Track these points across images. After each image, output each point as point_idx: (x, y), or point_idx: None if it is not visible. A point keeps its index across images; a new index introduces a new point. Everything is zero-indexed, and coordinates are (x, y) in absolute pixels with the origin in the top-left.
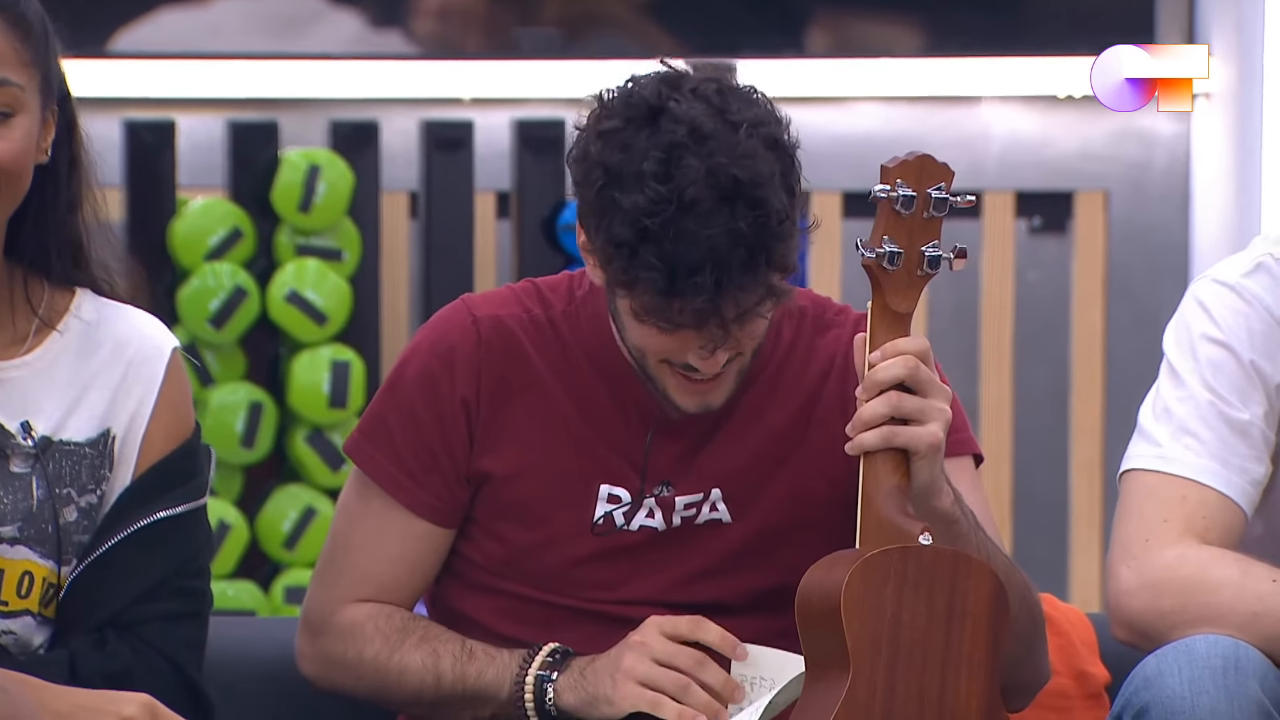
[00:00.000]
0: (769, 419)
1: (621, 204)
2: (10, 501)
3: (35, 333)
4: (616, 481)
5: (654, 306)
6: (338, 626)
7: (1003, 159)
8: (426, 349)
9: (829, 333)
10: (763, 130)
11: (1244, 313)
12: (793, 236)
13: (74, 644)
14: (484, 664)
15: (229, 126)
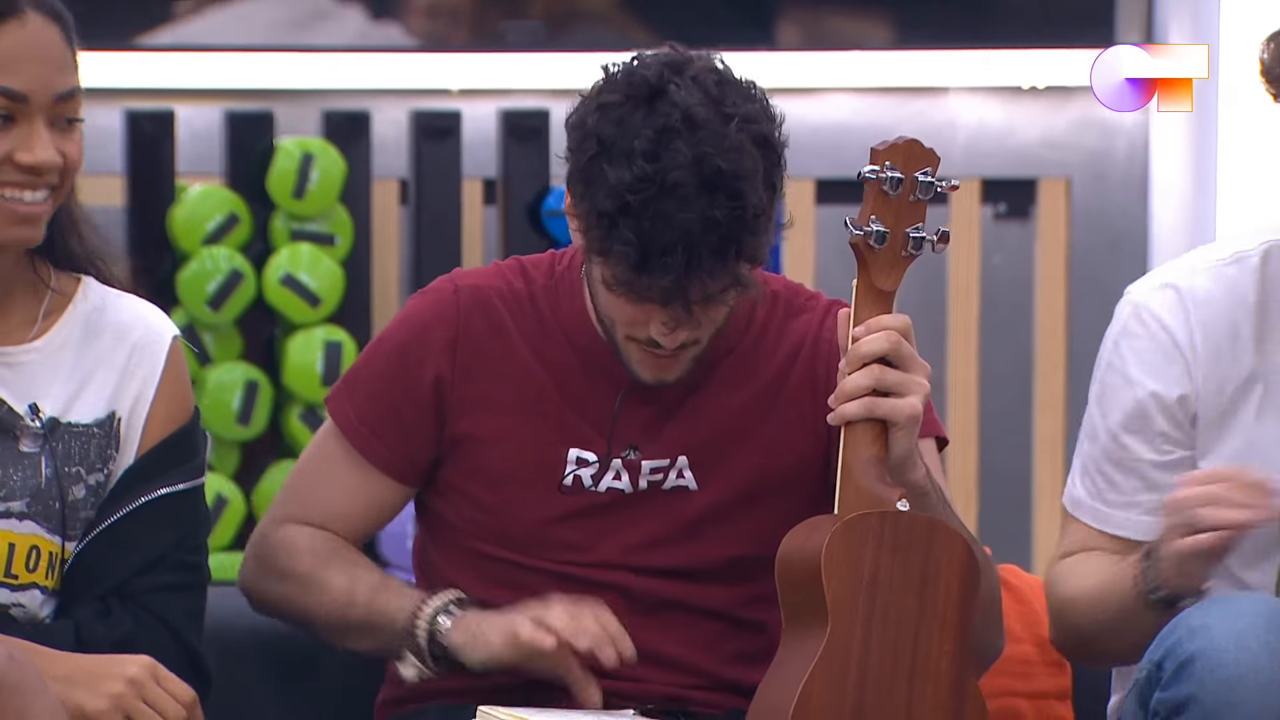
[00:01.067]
0: (738, 394)
1: (608, 176)
2: (19, 479)
3: (43, 317)
4: (585, 446)
5: (624, 279)
6: (277, 539)
7: (969, 148)
8: (408, 322)
9: (800, 317)
10: (753, 127)
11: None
12: (766, 231)
13: (79, 613)
14: (393, 595)
15: (226, 116)
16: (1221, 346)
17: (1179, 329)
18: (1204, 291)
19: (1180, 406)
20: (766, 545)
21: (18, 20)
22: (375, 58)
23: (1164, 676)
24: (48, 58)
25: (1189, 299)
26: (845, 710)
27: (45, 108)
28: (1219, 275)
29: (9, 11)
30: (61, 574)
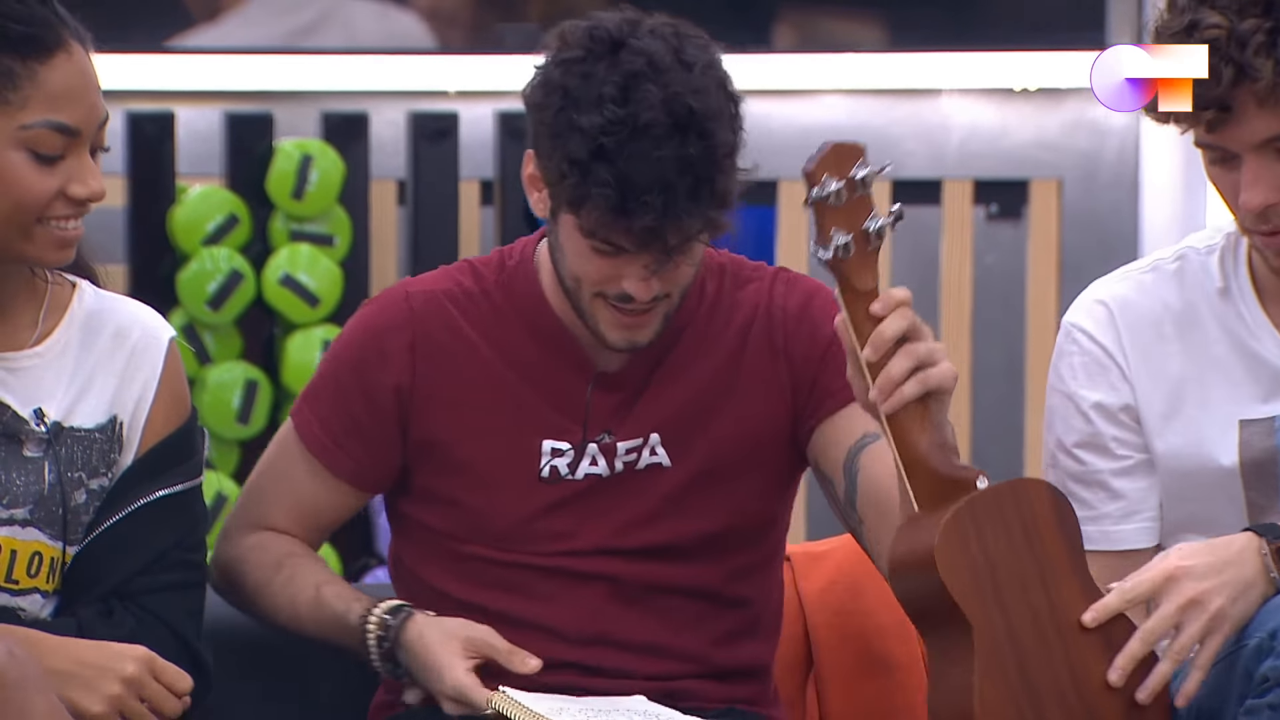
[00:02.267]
0: (699, 368)
1: (579, 124)
2: (23, 484)
3: (43, 322)
4: (558, 436)
5: (603, 223)
6: (237, 546)
7: (962, 149)
8: (362, 329)
9: (748, 286)
10: (714, 72)
11: (1070, 353)
12: (735, 172)
13: (82, 613)
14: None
15: (226, 118)
16: (1149, 349)
17: (1107, 338)
18: (1125, 299)
19: (1125, 412)
20: (744, 517)
21: (65, 53)
22: (374, 60)
23: (1278, 645)
24: (91, 86)
25: (1113, 308)
26: (1022, 698)
27: (91, 138)
28: (1138, 283)
29: (58, 45)
30: (62, 576)
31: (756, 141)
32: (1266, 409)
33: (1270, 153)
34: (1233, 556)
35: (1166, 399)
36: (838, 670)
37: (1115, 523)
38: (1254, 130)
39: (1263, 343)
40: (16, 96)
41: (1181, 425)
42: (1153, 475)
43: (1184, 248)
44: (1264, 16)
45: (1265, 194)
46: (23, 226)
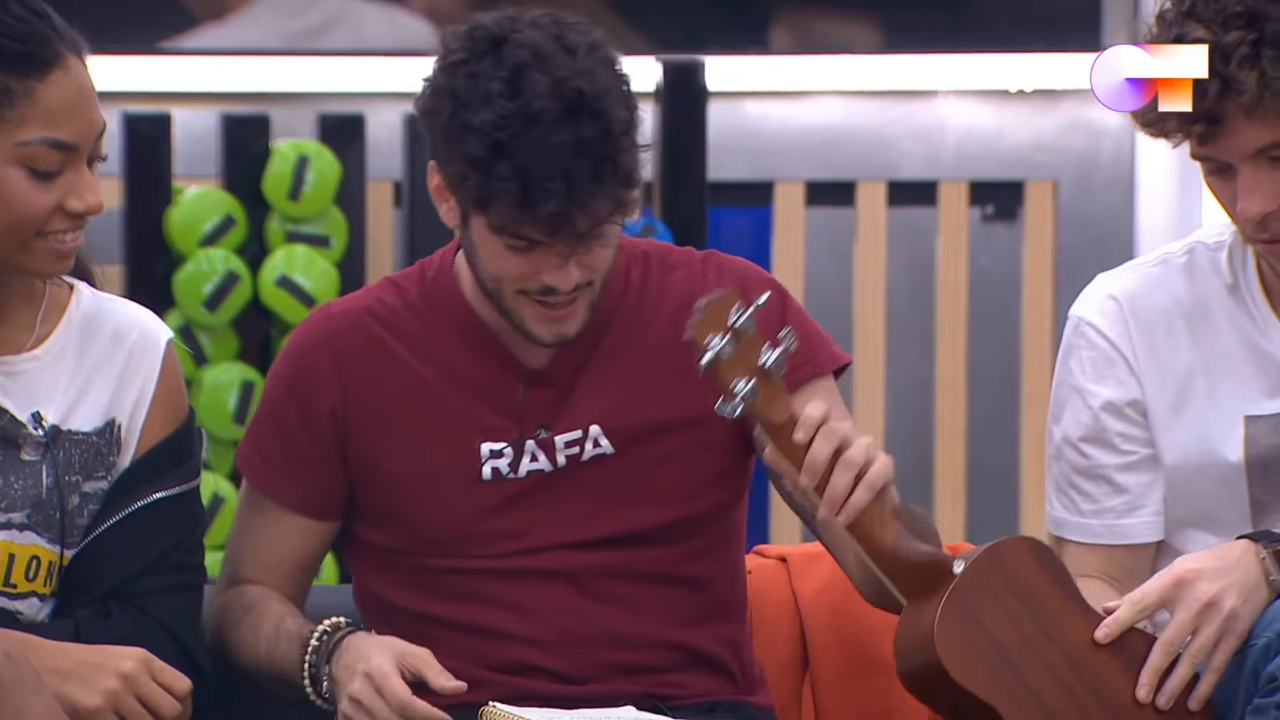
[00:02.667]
0: (633, 355)
1: (472, 124)
2: (20, 488)
3: (40, 325)
4: (495, 438)
5: (510, 218)
6: (220, 604)
7: (958, 150)
8: (288, 356)
9: (676, 272)
10: (599, 53)
11: (1079, 347)
12: (635, 149)
13: (79, 614)
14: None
15: (222, 119)
16: (1158, 342)
17: (1116, 333)
18: (1134, 293)
19: (1132, 407)
20: (699, 500)
21: (62, 69)
22: (370, 61)
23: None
24: (88, 100)
25: (1122, 302)
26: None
27: (88, 151)
28: (1147, 277)
29: (54, 61)
30: (60, 579)
31: (753, 142)
32: (1273, 405)
33: (1265, 161)
34: (1235, 560)
35: (1174, 394)
36: (834, 671)
37: (1119, 516)
38: (1245, 141)
39: (1271, 339)
40: (13, 114)
41: (1188, 420)
42: (1157, 470)
43: (1193, 242)
44: (1247, 29)
45: (1262, 202)
46: (22, 241)
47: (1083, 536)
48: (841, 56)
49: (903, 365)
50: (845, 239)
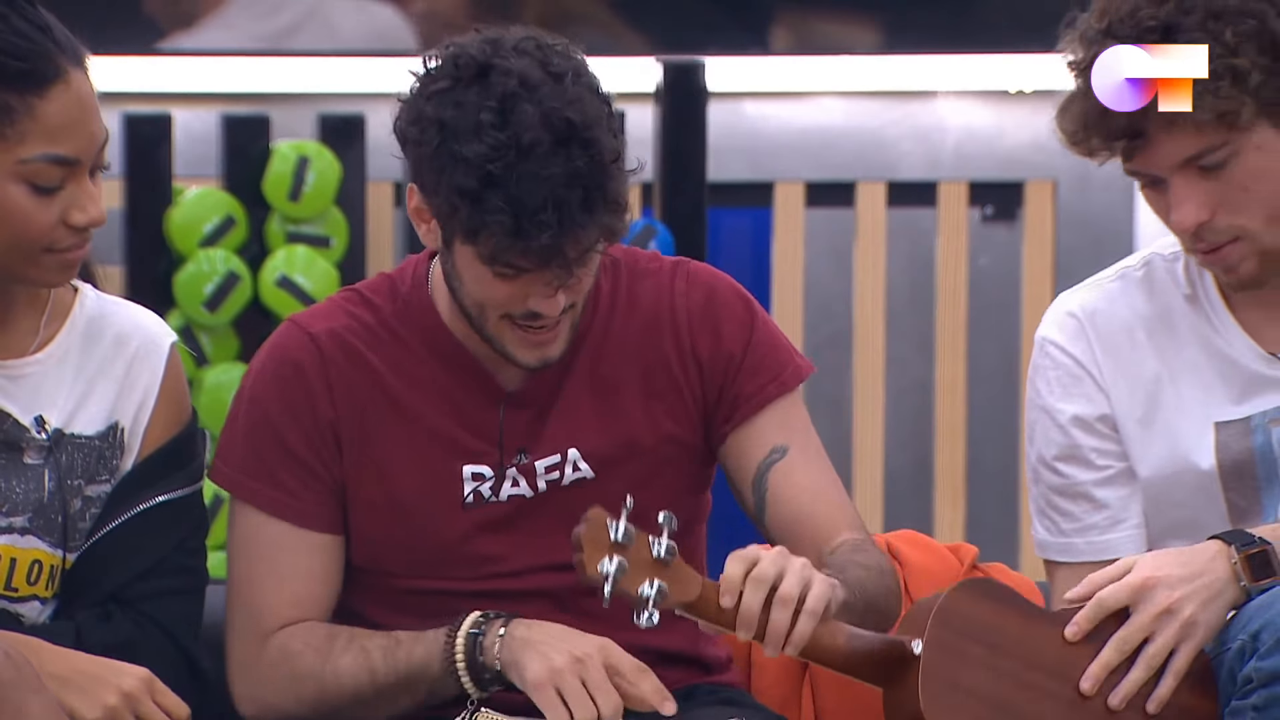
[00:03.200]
0: (606, 373)
1: (463, 154)
2: (23, 492)
3: (44, 328)
4: (477, 460)
5: (502, 249)
6: (267, 658)
7: (957, 150)
8: (274, 373)
9: (646, 280)
10: (584, 79)
11: (1044, 367)
12: (623, 175)
13: (80, 616)
14: (411, 645)
15: (223, 120)
16: (1122, 356)
17: (1079, 349)
18: (1094, 309)
19: (1102, 422)
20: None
21: (63, 84)
22: (370, 62)
23: (1261, 647)
24: (91, 113)
25: (1082, 319)
26: None
27: (90, 164)
28: (1106, 292)
29: (55, 77)
30: (61, 581)
31: (753, 143)
32: (1240, 410)
33: (1193, 172)
34: (1203, 565)
35: (1143, 405)
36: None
37: (1102, 532)
38: (1170, 153)
39: (1233, 345)
40: (13, 131)
41: (1159, 430)
42: (1134, 483)
43: (1150, 254)
44: (1161, 42)
45: (1195, 213)
46: (28, 255)
47: (1068, 556)
48: (841, 57)
49: (902, 365)
50: (845, 239)
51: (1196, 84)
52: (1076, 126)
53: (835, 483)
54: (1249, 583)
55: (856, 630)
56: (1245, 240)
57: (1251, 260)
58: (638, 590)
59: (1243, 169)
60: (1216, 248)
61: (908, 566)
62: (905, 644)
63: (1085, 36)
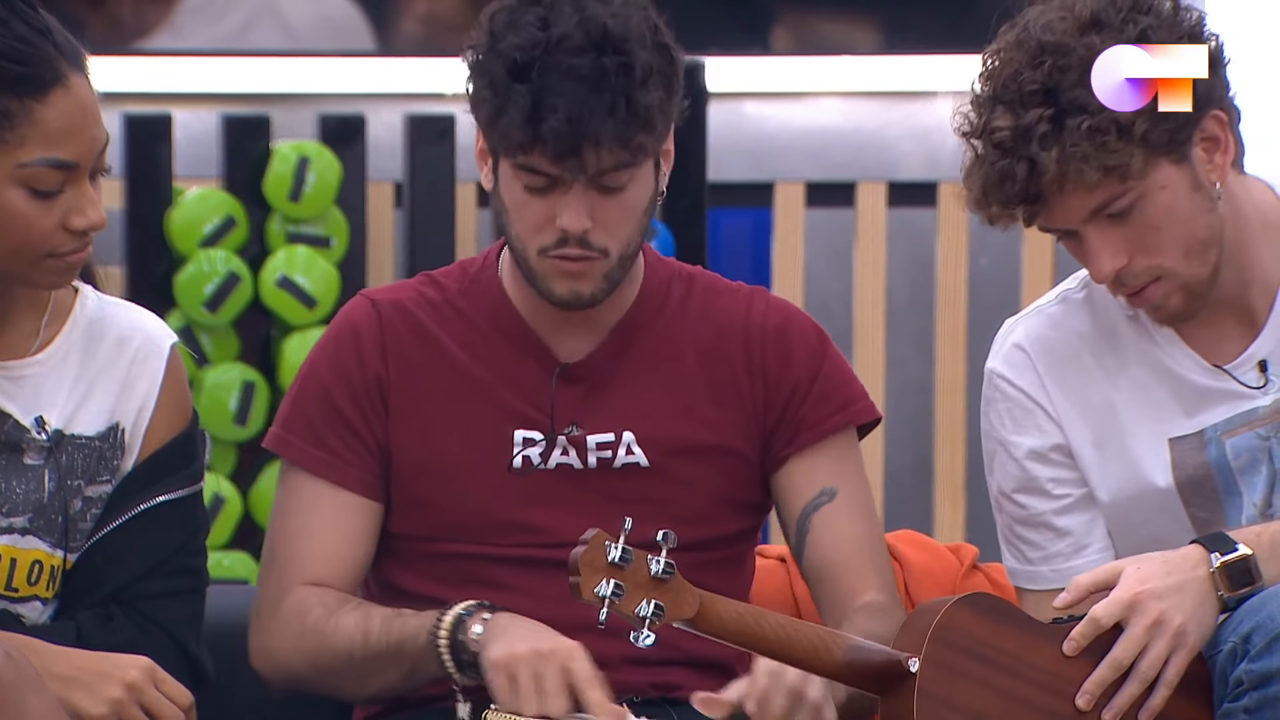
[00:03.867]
0: (670, 369)
1: (499, 48)
2: (23, 493)
3: (45, 329)
4: (529, 426)
5: (519, 137)
6: (283, 611)
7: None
8: (333, 337)
9: (723, 297)
10: (638, 6)
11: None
12: (657, 96)
13: (81, 617)
14: (409, 618)
15: (223, 120)
16: (1070, 382)
17: (1027, 382)
18: (1038, 336)
19: (1056, 451)
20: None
21: (62, 88)
22: (370, 62)
23: (1252, 649)
24: (91, 117)
25: (1028, 349)
26: None
27: (90, 168)
28: (1049, 318)
29: (55, 81)
30: (62, 582)
31: (753, 143)
32: (1192, 424)
33: (1103, 221)
34: (1187, 573)
35: (1095, 429)
36: None
37: (1066, 559)
38: (1071, 210)
39: (1178, 361)
40: (13, 135)
41: (1114, 452)
42: (1094, 508)
43: (1088, 275)
44: (1044, 105)
45: (1111, 260)
46: (29, 260)
47: (1036, 584)
48: (841, 57)
49: (902, 365)
50: (845, 239)
51: (1083, 144)
52: (977, 194)
53: (876, 536)
54: (1226, 592)
55: (854, 643)
56: (1166, 278)
57: (1176, 296)
58: (634, 610)
59: (1151, 209)
60: (1139, 289)
61: (908, 567)
62: (902, 661)
63: (978, 100)
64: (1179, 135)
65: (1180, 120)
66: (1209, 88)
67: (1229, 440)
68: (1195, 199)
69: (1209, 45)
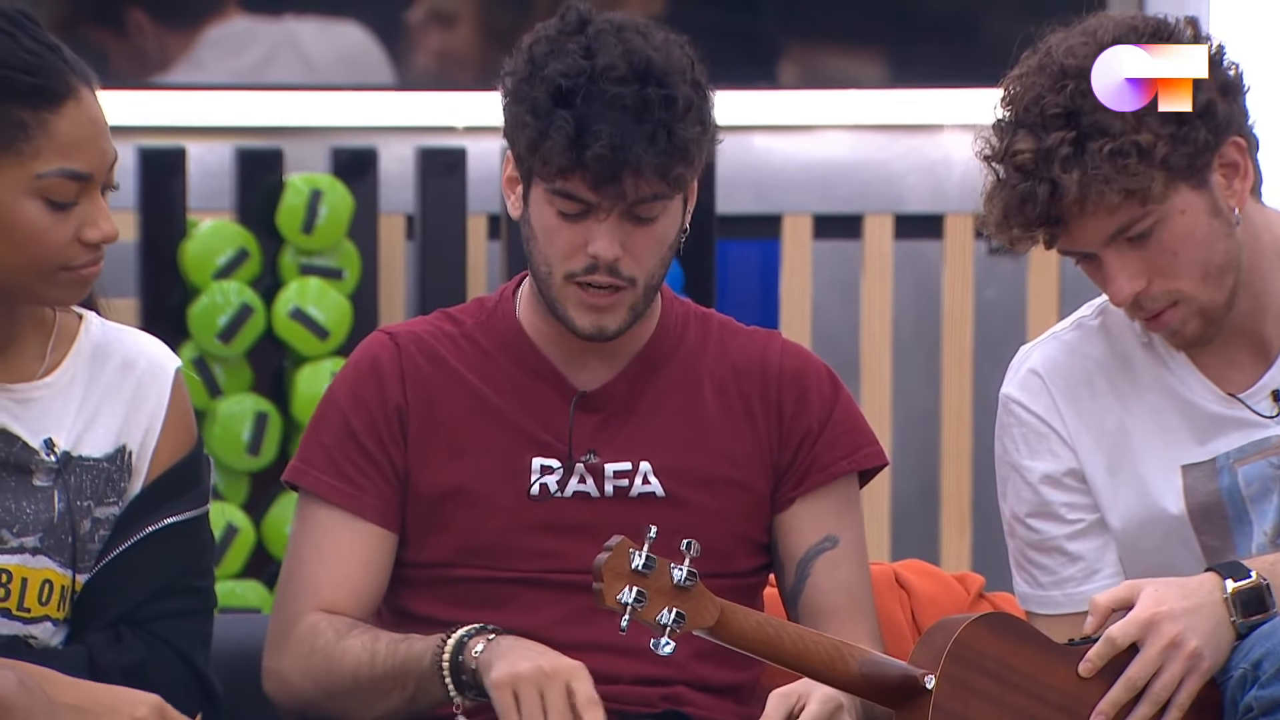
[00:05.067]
0: (687, 402)
1: (542, 74)
2: (33, 513)
3: (51, 353)
4: (546, 454)
5: (560, 163)
6: (295, 634)
7: (963, 183)
8: (351, 369)
9: (740, 337)
10: (677, 42)
11: (1009, 425)
12: (696, 131)
13: (92, 639)
14: (414, 642)
15: (236, 153)
16: (1084, 407)
17: (1041, 407)
18: (1054, 362)
19: (1070, 476)
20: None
21: (75, 100)
22: (382, 96)
23: (1262, 676)
24: (101, 130)
25: (1043, 375)
26: None
27: (101, 181)
28: (1064, 344)
29: (67, 93)
30: (72, 604)
31: (761, 176)
32: (1205, 451)
33: (1122, 244)
34: (1203, 597)
35: (1108, 454)
36: None
37: (1078, 584)
38: (1091, 234)
39: (1192, 389)
40: (29, 147)
41: (1127, 478)
42: (1106, 533)
43: (1103, 302)
44: (1066, 128)
45: (1130, 284)
46: (44, 273)
47: (1048, 609)
48: (848, 91)
49: (909, 394)
50: (852, 271)
51: (1104, 166)
52: (999, 216)
53: (869, 585)
54: (1239, 619)
55: (870, 656)
56: (1183, 303)
57: (1194, 320)
58: (655, 618)
59: (1170, 234)
60: (1157, 314)
61: (915, 596)
62: (918, 677)
63: (1000, 125)
64: (1199, 160)
65: (1200, 145)
66: (1228, 114)
67: (1241, 468)
68: (1214, 224)
69: (1229, 73)
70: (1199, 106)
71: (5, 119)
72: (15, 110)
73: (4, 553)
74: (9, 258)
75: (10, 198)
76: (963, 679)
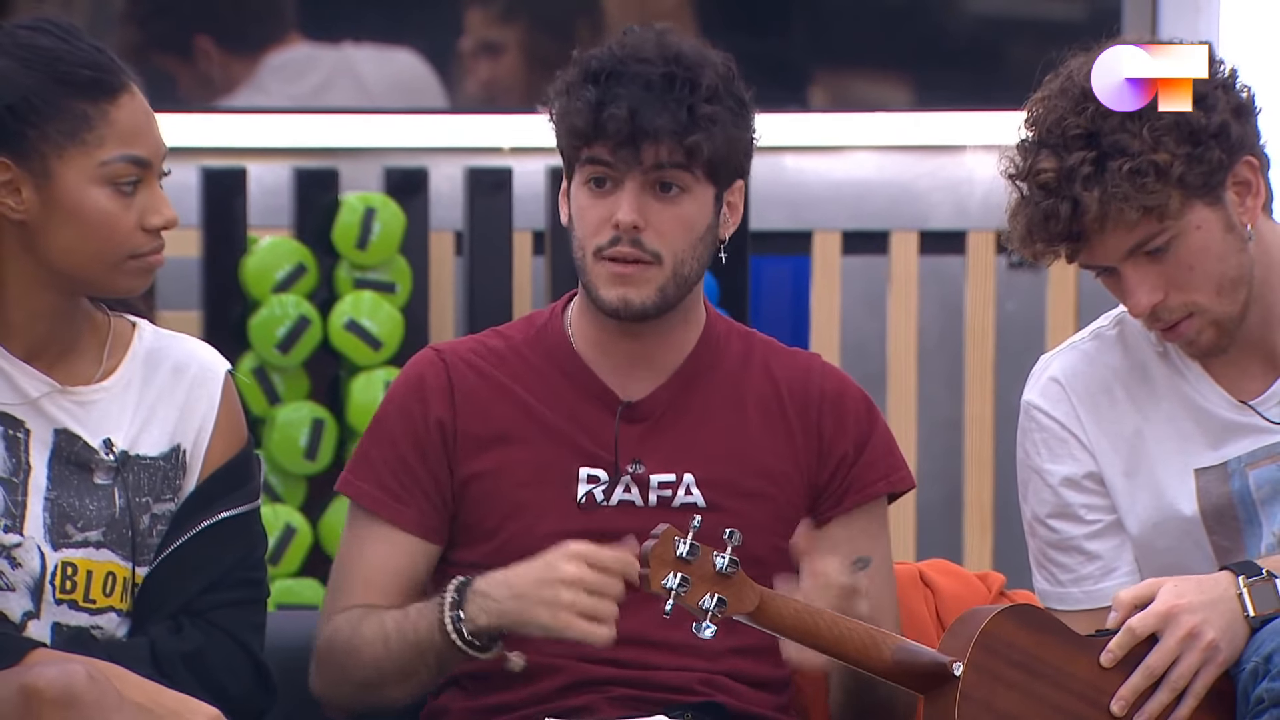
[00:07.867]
0: (729, 417)
1: (580, 61)
2: (95, 509)
3: (107, 358)
4: (593, 463)
5: (584, 124)
6: (326, 635)
7: (985, 202)
8: (399, 386)
9: (782, 358)
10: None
11: (1031, 430)
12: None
13: (153, 630)
14: (418, 615)
15: (294, 173)
16: (1103, 413)
17: (1062, 413)
18: (1074, 371)
19: (1089, 479)
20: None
21: (128, 92)
22: (433, 119)
23: (1273, 669)
24: (152, 119)
25: (1063, 383)
26: None
27: (158, 169)
28: (1084, 354)
29: (121, 86)
30: (134, 597)
31: (792, 195)
32: (1217, 456)
33: (1141, 258)
34: (1220, 594)
35: (1125, 459)
36: None
37: (1096, 582)
38: (1111, 248)
39: (1205, 396)
40: (93, 136)
41: (1143, 481)
42: (1123, 534)
43: (1120, 313)
44: (1087, 148)
45: (1148, 296)
46: (112, 262)
47: (1067, 605)
48: (875, 114)
49: (933, 403)
50: (879, 285)
51: (1124, 185)
52: (1023, 232)
53: (894, 598)
54: (1254, 613)
55: (902, 643)
56: (1199, 315)
57: (1209, 331)
58: (698, 603)
59: (1186, 249)
60: (1173, 325)
61: (939, 593)
62: (947, 665)
63: (1024, 145)
64: (1213, 178)
65: (1215, 164)
66: (1241, 135)
67: (1252, 472)
68: (1228, 239)
69: (1242, 95)
70: (1214, 128)
71: (70, 113)
72: (78, 104)
73: (70, 546)
74: (80, 248)
75: (80, 188)
76: (989, 667)
